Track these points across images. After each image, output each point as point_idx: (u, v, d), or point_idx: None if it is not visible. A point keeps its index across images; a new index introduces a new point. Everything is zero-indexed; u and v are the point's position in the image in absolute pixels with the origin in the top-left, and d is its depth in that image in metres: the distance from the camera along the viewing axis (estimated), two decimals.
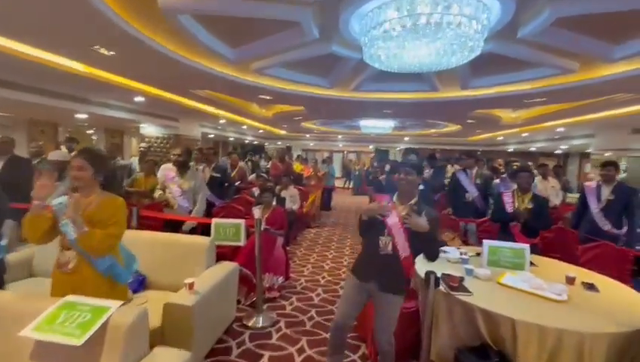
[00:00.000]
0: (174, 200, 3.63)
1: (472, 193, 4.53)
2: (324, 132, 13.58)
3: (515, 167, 4.82)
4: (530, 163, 9.19)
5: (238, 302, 3.29)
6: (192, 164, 5.61)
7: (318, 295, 3.98)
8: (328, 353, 2.29)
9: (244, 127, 11.25)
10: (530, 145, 11.88)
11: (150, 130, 8.63)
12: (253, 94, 5.40)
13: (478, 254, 2.96)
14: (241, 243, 3.30)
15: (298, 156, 12.23)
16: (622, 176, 9.02)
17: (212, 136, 12.09)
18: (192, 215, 3.69)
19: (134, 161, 6.05)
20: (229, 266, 3.09)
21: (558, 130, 8.36)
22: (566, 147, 10.88)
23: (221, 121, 9.62)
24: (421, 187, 3.59)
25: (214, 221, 3.36)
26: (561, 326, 1.70)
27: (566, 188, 6.12)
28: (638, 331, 1.72)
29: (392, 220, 2.13)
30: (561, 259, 3.19)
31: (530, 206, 3.44)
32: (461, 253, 2.95)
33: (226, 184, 4.95)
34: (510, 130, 9.66)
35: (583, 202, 3.91)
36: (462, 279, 2.30)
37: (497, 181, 5.11)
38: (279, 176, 6.45)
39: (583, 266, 3.23)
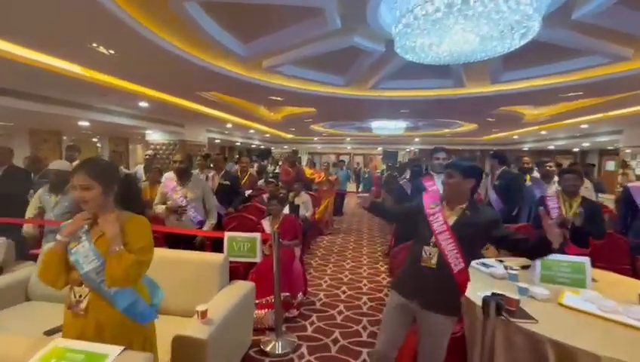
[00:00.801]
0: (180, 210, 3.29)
1: (491, 198, 4.15)
2: (332, 134, 13.26)
3: (548, 167, 4.41)
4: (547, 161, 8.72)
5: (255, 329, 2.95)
6: (196, 171, 5.35)
7: (340, 312, 3.64)
8: None
9: (251, 131, 10.98)
10: (549, 144, 11.43)
11: (155, 136, 8.39)
12: (264, 95, 5.09)
13: (524, 267, 2.60)
14: (257, 259, 2.99)
15: (307, 160, 11.94)
16: None
17: (218, 141, 11.85)
18: (205, 229, 3.35)
19: (139, 169, 5.77)
20: (244, 286, 2.76)
21: (582, 126, 7.94)
22: (588, 144, 10.42)
23: (228, 126, 9.36)
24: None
25: (227, 235, 3.05)
26: None
27: (599, 189, 5.69)
28: None
29: (439, 227, 1.81)
30: (610, 269, 2.82)
31: (579, 211, 3.09)
32: (506, 267, 2.58)
33: (238, 193, 4.61)
34: (528, 129, 9.26)
35: (627, 204, 3.53)
36: (518, 301, 1.93)
37: (529, 183, 4.72)
38: (290, 182, 6.13)
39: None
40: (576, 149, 12.66)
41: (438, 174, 3.22)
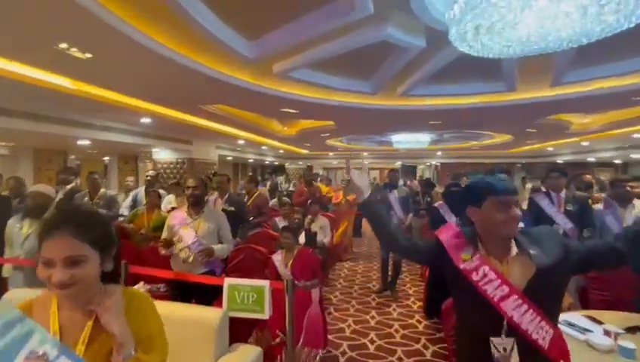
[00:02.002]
0: (187, 252, 2.58)
1: (563, 225, 3.24)
2: (349, 149, 12.63)
3: (629, 187, 3.51)
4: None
5: None
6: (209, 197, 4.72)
7: None
8: None
9: (264, 147, 10.47)
10: (588, 155, 10.40)
11: (163, 155, 7.94)
12: (275, 107, 4.47)
13: (629, 329, 1.78)
14: (266, 315, 2.29)
15: (322, 177, 11.32)
16: None
17: (230, 158, 11.40)
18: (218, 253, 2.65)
19: (140, 192, 5.22)
20: (250, 353, 2.10)
21: (635, 136, 7.00)
22: (638, 156, 9.35)
23: (240, 142, 8.86)
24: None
25: (228, 283, 2.36)
26: None
27: None
28: None
29: (497, 291, 1.09)
30: None
31: None
32: (606, 331, 1.80)
33: (244, 220, 3.94)
34: (568, 140, 8.34)
35: None
36: None
37: (599, 206, 3.82)
38: (304, 204, 5.43)
39: None
40: (618, 161, 11.52)
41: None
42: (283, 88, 3.81)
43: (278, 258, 2.95)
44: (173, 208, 3.78)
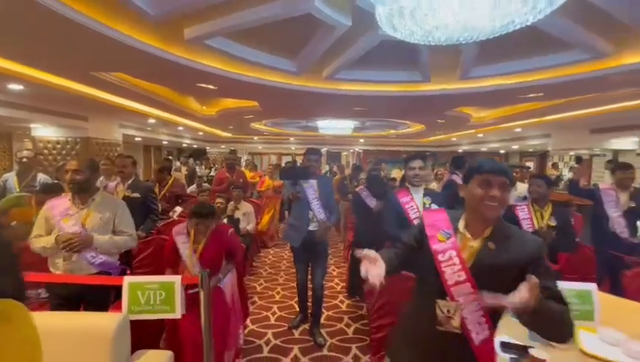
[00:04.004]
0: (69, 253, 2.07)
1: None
2: (275, 133, 12.32)
3: (514, 172, 4.17)
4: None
5: None
6: (100, 179, 4.01)
7: (295, 359, 2.86)
8: None
9: (181, 128, 9.48)
10: (482, 146, 12.14)
11: (46, 132, 6.50)
12: (191, 81, 3.95)
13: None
14: (177, 314, 2.03)
15: (247, 161, 10.85)
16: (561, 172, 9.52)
17: (139, 139, 10.03)
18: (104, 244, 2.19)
19: (10, 178, 4.16)
20: (157, 359, 1.89)
21: (516, 130, 8.36)
22: (516, 147, 11.26)
23: (150, 121, 7.81)
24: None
25: (128, 282, 2.02)
26: None
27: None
28: None
29: (455, 276, 1.18)
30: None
31: (553, 223, 2.82)
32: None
33: (152, 209, 3.46)
34: (467, 131, 9.55)
35: (597, 209, 3.41)
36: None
37: None
38: (227, 190, 5.06)
39: (632, 298, 2.70)
40: (502, 151, 13.74)
41: (416, 188, 2.60)
42: (199, 59, 3.36)
43: (183, 246, 2.45)
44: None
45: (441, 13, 1.80)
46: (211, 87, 4.17)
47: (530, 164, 12.39)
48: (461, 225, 1.24)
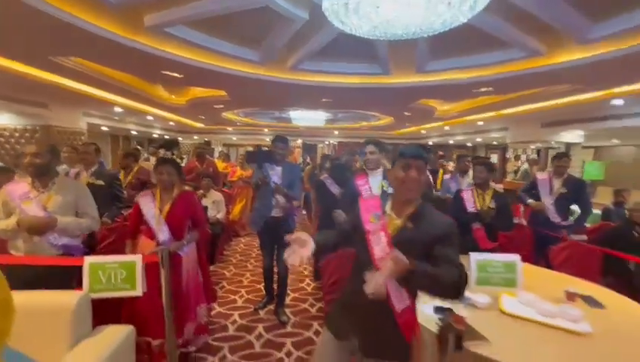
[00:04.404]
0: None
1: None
2: (248, 124, 12.25)
3: (467, 161, 4.52)
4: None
5: None
6: (63, 167, 3.95)
7: (259, 337, 3.02)
8: None
9: (150, 117, 9.24)
10: (450, 138, 12.65)
11: (2, 119, 6.18)
12: (155, 68, 3.93)
13: None
14: (138, 291, 2.13)
15: (220, 153, 10.76)
16: (523, 165, 10.25)
17: (106, 129, 9.69)
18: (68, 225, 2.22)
19: None
20: (117, 333, 1.95)
21: (479, 123, 8.83)
22: (480, 140, 11.85)
23: (116, 110, 7.59)
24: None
25: (89, 262, 2.11)
26: None
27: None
28: None
29: (382, 251, 1.35)
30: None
31: (492, 205, 3.13)
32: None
33: (117, 197, 3.46)
34: (434, 124, 9.96)
35: (534, 195, 3.81)
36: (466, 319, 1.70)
37: (447, 176, 4.80)
38: (197, 180, 5.10)
39: (556, 269, 3.09)
40: (469, 144, 14.39)
41: (372, 171, 2.81)
42: (162, 47, 3.37)
43: (148, 200, 2.39)
44: None
45: (383, 10, 1.97)
46: (177, 74, 4.17)
47: (495, 156, 13.11)
48: (388, 207, 1.43)
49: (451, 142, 13.24)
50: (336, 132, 14.27)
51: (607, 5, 2.48)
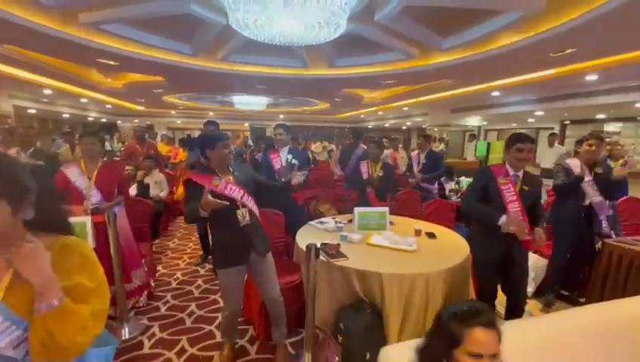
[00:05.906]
0: None
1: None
2: (192, 108, 12.25)
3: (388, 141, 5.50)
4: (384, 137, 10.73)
5: None
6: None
7: (198, 287, 3.62)
8: (223, 336, 2.34)
9: (84, 100, 8.97)
10: (385, 122, 13.90)
11: None
12: (89, 57, 4.21)
13: (350, 221, 3.25)
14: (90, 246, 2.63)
15: (163, 136, 10.73)
16: (440, 145, 11.84)
17: (34, 111, 9.19)
18: None
19: None
20: None
21: (404, 108, 10.00)
22: (410, 123, 13.24)
23: (46, 92, 7.36)
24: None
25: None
26: (413, 272, 2.05)
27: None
28: (459, 264, 2.21)
29: (233, 191, 2.05)
30: (411, 216, 3.87)
31: (381, 174, 4.05)
32: (336, 222, 3.17)
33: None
34: (369, 109, 10.98)
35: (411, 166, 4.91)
36: (338, 246, 2.46)
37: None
38: (138, 161, 5.43)
39: (426, 220, 4.07)
40: (404, 127, 15.88)
41: (281, 148, 3.55)
42: (96, 39, 3.69)
43: (75, 172, 2.57)
44: None
45: (275, 26, 2.67)
46: (112, 62, 4.45)
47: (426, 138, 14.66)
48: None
49: (386, 125, 14.53)
50: (281, 116, 14.75)
51: (448, 25, 3.45)
